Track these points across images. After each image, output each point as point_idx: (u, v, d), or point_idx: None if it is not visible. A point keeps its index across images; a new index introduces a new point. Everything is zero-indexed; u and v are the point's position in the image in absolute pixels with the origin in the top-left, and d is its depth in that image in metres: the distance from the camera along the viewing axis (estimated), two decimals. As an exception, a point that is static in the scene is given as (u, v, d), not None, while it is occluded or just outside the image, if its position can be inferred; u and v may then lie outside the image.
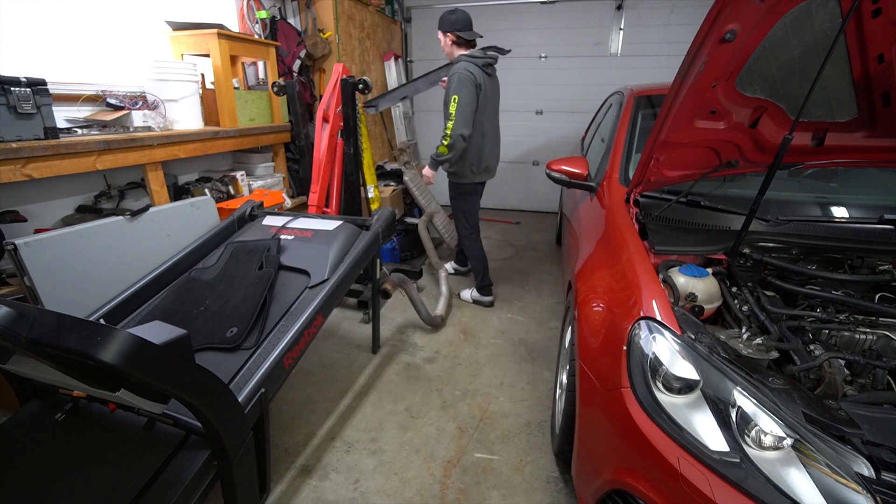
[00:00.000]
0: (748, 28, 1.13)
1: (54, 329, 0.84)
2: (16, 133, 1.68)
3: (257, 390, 1.28)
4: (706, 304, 1.30)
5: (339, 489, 1.63)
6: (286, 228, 2.04)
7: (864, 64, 1.29)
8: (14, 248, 1.52)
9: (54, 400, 1.37)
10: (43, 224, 1.95)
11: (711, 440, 0.94)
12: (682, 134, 1.45)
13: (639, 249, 1.40)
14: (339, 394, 2.13)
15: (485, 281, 2.97)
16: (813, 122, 1.50)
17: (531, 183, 5.34)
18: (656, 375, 1.06)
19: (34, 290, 1.58)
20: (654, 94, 2.35)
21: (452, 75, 2.46)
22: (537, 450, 1.81)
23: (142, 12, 2.47)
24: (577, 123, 4.61)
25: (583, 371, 1.29)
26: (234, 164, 3.07)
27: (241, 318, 1.54)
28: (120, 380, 1.01)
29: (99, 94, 2.16)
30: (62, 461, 1.20)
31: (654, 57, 4.48)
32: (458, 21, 2.50)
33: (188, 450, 1.20)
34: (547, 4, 4.65)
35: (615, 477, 1.10)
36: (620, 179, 1.92)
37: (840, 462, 0.86)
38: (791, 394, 0.96)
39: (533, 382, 2.23)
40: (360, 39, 4.07)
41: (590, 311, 1.40)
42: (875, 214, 1.58)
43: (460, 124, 2.44)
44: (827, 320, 1.24)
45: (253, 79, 3.29)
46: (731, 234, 1.47)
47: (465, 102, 2.43)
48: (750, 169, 1.65)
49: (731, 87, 1.33)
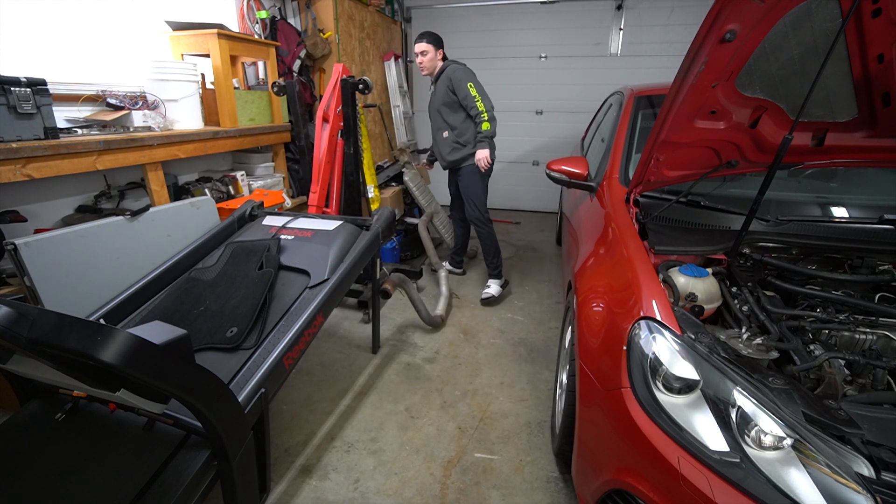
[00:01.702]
0: (748, 28, 1.13)
1: (54, 329, 0.84)
2: (16, 133, 1.68)
3: (257, 390, 1.28)
4: (706, 304, 1.30)
5: (339, 489, 1.63)
6: (286, 228, 2.04)
7: (864, 64, 1.29)
8: (14, 248, 1.52)
9: (54, 400, 1.37)
10: (43, 224, 1.95)
11: (711, 440, 0.94)
12: (682, 134, 1.45)
13: (639, 249, 1.40)
14: (339, 394, 2.13)
15: (500, 268, 3.14)
16: (813, 122, 1.50)
17: (531, 183, 5.34)
18: (656, 375, 1.06)
19: (34, 290, 1.58)
20: (654, 94, 2.35)
21: (454, 73, 2.80)
22: (537, 450, 1.81)
23: (142, 12, 2.47)
24: (577, 123, 4.60)
25: (583, 371, 1.29)
26: (234, 164, 3.07)
27: (241, 318, 1.54)
28: (120, 380, 1.01)
29: (99, 94, 2.16)
30: (62, 461, 1.20)
31: (654, 57, 4.48)
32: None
33: (188, 450, 1.20)
34: (547, 4, 4.65)
35: (615, 477, 1.09)
36: (620, 179, 1.92)
37: (840, 462, 0.86)
38: (791, 394, 0.96)
39: (533, 382, 2.23)
40: (360, 39, 4.07)
41: (590, 311, 1.40)
42: (875, 214, 1.58)
43: (486, 100, 2.75)
44: (827, 320, 1.24)
45: (253, 79, 3.29)
46: (731, 234, 1.47)
47: (478, 83, 2.78)
48: (750, 169, 1.65)
49: (731, 87, 1.33)
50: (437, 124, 3.02)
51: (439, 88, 2.91)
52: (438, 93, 2.92)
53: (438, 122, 3.00)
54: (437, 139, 3.08)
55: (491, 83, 4.92)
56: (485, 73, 4.86)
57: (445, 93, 2.85)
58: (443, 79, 2.86)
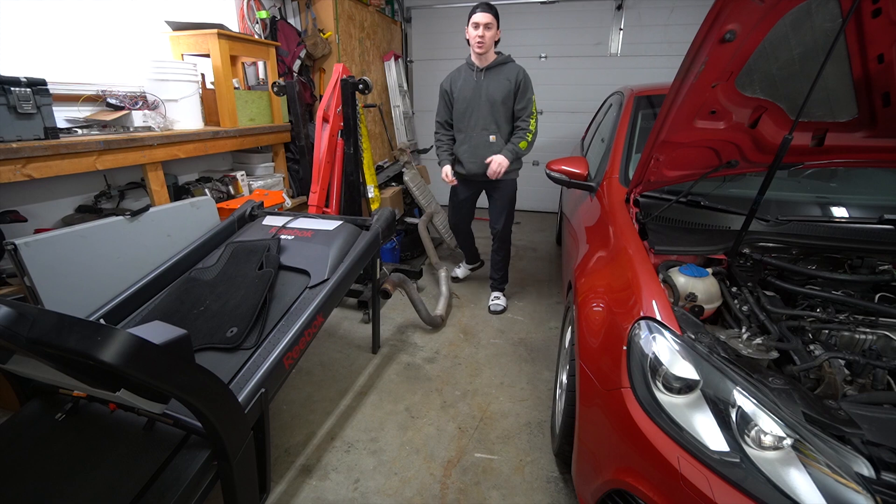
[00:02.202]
0: (748, 28, 1.13)
1: (54, 329, 0.84)
2: (16, 133, 1.68)
3: (257, 390, 1.28)
4: (706, 304, 1.30)
5: (339, 489, 1.63)
6: (286, 228, 2.04)
7: (864, 64, 1.29)
8: (14, 248, 1.52)
9: (54, 400, 1.37)
10: (43, 224, 1.95)
11: (711, 440, 0.94)
12: (682, 134, 1.45)
13: (639, 249, 1.40)
14: (339, 394, 2.13)
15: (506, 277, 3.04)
16: (813, 122, 1.50)
17: (531, 183, 5.33)
18: (656, 375, 1.06)
19: (34, 290, 1.58)
20: (654, 94, 2.35)
21: (525, 74, 2.49)
22: (537, 450, 1.81)
23: (142, 12, 2.47)
24: (577, 123, 4.61)
25: (583, 371, 1.29)
26: (234, 164, 3.07)
27: (241, 318, 1.54)
28: (120, 380, 1.01)
29: (99, 94, 2.16)
30: (62, 461, 1.20)
31: (654, 57, 4.47)
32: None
33: (188, 450, 1.20)
34: (547, 4, 4.65)
35: (615, 477, 1.10)
36: (620, 179, 1.92)
37: (840, 462, 0.86)
38: (791, 394, 0.96)
39: (533, 382, 2.23)
40: (360, 39, 4.07)
41: (590, 311, 1.40)
42: (875, 214, 1.58)
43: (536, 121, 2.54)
44: (827, 320, 1.24)
45: (253, 79, 3.29)
46: (731, 234, 1.47)
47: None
48: (750, 169, 1.65)
49: (731, 87, 1.33)
50: (483, 123, 2.54)
51: (496, 81, 2.48)
52: (494, 86, 2.48)
53: (486, 120, 2.53)
54: (477, 140, 2.59)
55: (491, 83, 4.98)
56: (485, 73, 4.90)
57: (507, 90, 2.46)
58: (506, 72, 2.47)
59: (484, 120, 2.54)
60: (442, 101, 2.72)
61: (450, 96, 2.67)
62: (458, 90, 2.61)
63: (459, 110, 2.62)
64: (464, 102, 2.58)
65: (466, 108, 2.58)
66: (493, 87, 2.48)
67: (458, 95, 2.61)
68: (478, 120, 2.56)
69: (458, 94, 2.60)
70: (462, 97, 2.58)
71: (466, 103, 2.57)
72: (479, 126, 2.56)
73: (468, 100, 2.55)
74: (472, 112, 2.56)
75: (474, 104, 2.54)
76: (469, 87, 2.55)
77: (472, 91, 2.54)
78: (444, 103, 2.72)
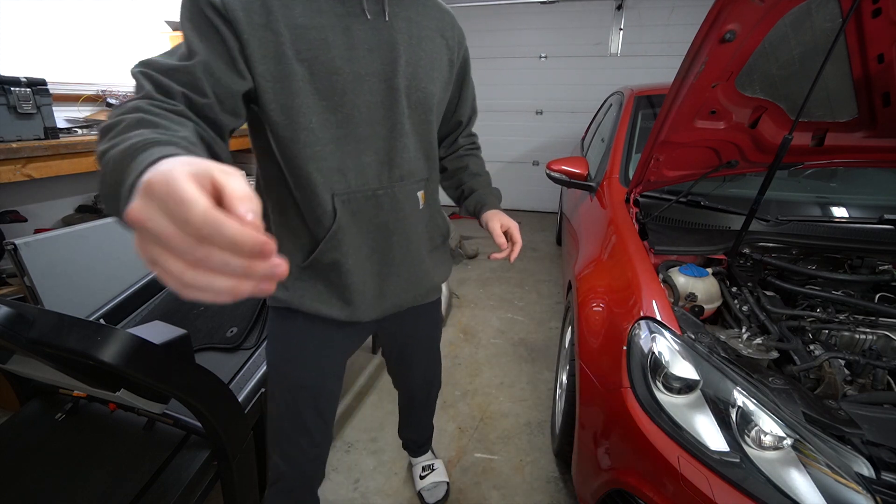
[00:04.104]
0: (748, 28, 1.13)
1: (54, 329, 0.84)
2: (16, 133, 1.68)
3: (257, 390, 1.28)
4: (706, 304, 1.30)
5: (339, 489, 1.63)
6: (286, 228, 2.04)
7: (864, 64, 1.29)
8: (14, 248, 1.52)
9: (54, 400, 1.37)
10: (43, 224, 1.95)
11: (711, 440, 0.94)
12: (682, 134, 1.45)
13: (639, 249, 1.40)
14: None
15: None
16: (813, 122, 1.50)
17: (531, 183, 5.34)
18: (656, 375, 1.06)
19: (34, 290, 1.57)
20: (654, 94, 2.35)
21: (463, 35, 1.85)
22: (537, 450, 1.81)
23: (141, 12, 2.47)
24: (577, 123, 4.61)
25: (583, 371, 1.29)
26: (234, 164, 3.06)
27: (241, 318, 1.54)
28: (120, 380, 1.01)
29: (99, 94, 2.16)
30: (62, 461, 1.20)
31: (654, 57, 4.47)
32: None
33: (188, 450, 1.20)
34: (547, 4, 4.65)
35: (615, 477, 1.10)
36: (620, 179, 1.92)
37: (840, 462, 0.86)
38: (791, 394, 0.96)
39: (533, 382, 2.23)
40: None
41: (590, 311, 1.40)
42: (875, 214, 1.58)
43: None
44: (827, 320, 1.24)
45: (253, 79, 3.28)
46: (731, 234, 1.47)
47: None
48: (750, 169, 1.65)
49: (731, 87, 1.33)
50: (397, 154, 0.77)
51: (417, 28, 0.83)
52: (415, 45, 0.83)
53: (400, 146, 0.82)
54: (391, 208, 0.88)
55: (491, 83, 4.98)
56: (485, 72, 4.91)
57: (444, 60, 1.53)
58: (432, 12, 1.75)
59: (398, 145, 0.86)
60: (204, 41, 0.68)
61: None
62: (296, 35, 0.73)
63: (309, 104, 0.77)
64: (329, 80, 0.76)
65: (342, 102, 0.79)
66: (413, 48, 0.85)
67: (305, 54, 0.74)
68: (379, 143, 0.85)
69: (307, 52, 0.74)
70: (328, 64, 0.75)
71: (342, 85, 0.77)
72: (388, 162, 0.87)
73: (347, 75, 0.77)
74: (358, 116, 0.81)
75: (367, 94, 0.80)
76: (347, 40, 0.76)
77: (361, 52, 0.78)
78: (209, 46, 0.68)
